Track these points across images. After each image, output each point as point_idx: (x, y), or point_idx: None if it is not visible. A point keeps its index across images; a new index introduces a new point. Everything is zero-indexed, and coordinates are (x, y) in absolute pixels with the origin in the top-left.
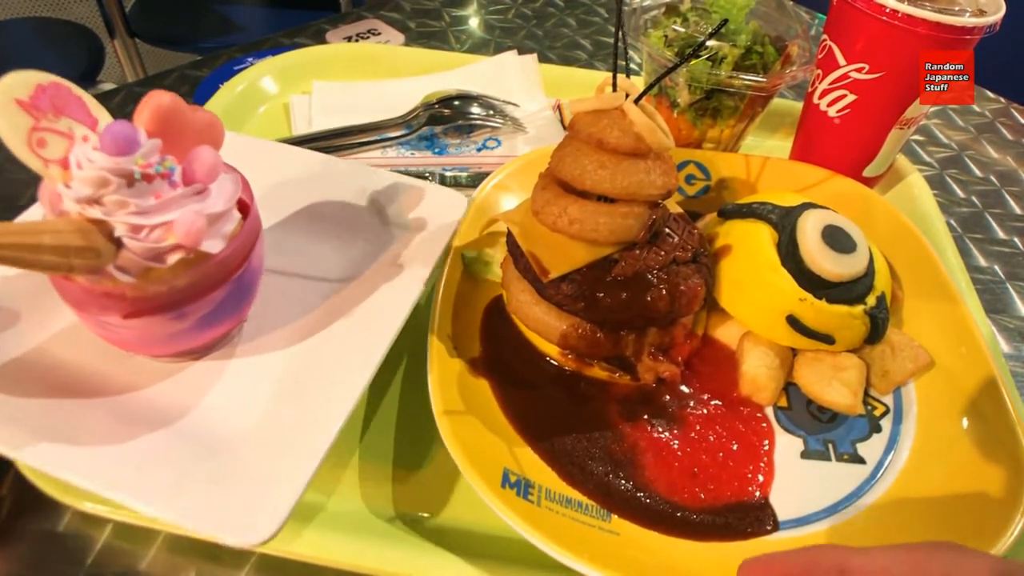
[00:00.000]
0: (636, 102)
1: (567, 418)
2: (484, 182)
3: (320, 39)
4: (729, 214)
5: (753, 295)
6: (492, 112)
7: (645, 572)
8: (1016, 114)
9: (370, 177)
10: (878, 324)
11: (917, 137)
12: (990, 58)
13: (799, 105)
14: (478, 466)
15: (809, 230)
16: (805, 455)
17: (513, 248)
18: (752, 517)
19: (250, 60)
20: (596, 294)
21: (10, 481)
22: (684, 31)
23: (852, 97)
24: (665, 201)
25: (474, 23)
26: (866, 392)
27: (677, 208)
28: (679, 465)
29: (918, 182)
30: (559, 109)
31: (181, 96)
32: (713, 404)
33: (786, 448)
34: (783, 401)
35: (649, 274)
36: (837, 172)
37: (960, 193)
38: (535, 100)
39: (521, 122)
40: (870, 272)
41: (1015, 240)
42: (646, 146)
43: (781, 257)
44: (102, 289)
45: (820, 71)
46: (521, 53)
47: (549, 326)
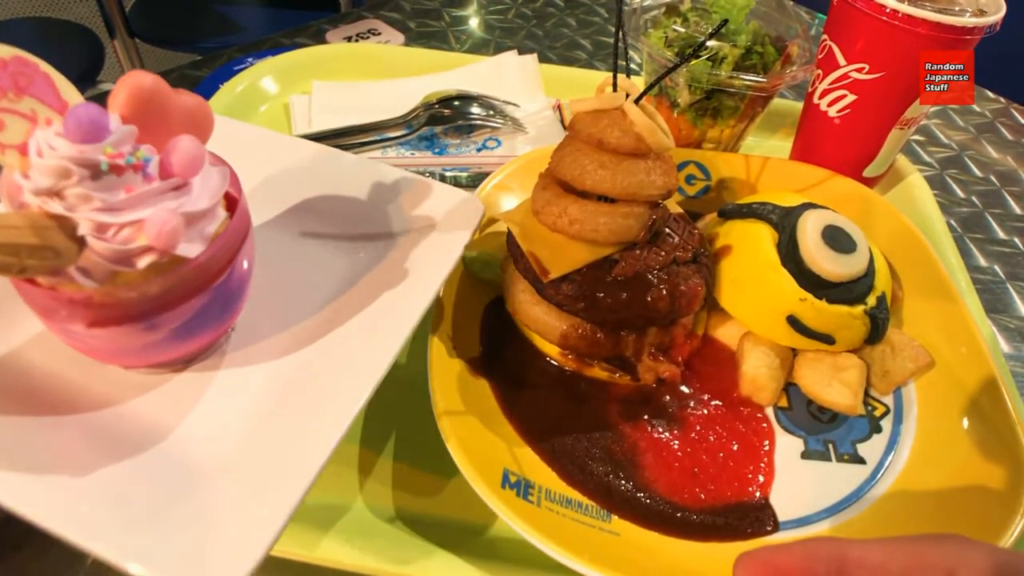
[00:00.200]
0: (636, 102)
1: (567, 418)
2: (484, 182)
3: (320, 39)
4: (729, 214)
5: (753, 295)
6: (492, 112)
7: (645, 572)
8: (1016, 114)
9: (379, 174)
10: (878, 324)
11: (917, 137)
12: (990, 58)
13: (799, 105)
14: (478, 466)
15: (809, 230)
16: (805, 455)
17: (513, 248)
18: (752, 517)
19: (250, 60)
20: (596, 294)
21: None
22: (684, 31)
23: (852, 97)
24: (665, 201)
25: (474, 23)
26: (866, 392)
27: (677, 208)
28: (679, 465)
29: (918, 182)
30: (559, 109)
31: None
32: (713, 404)
33: (786, 448)
34: (783, 401)
35: (649, 274)
36: (837, 172)
37: (960, 193)
38: (535, 100)
39: (521, 122)
40: (870, 272)
41: (1015, 240)
42: (646, 146)
43: (781, 257)
44: (63, 294)
45: (820, 71)
46: (521, 53)
47: (549, 326)
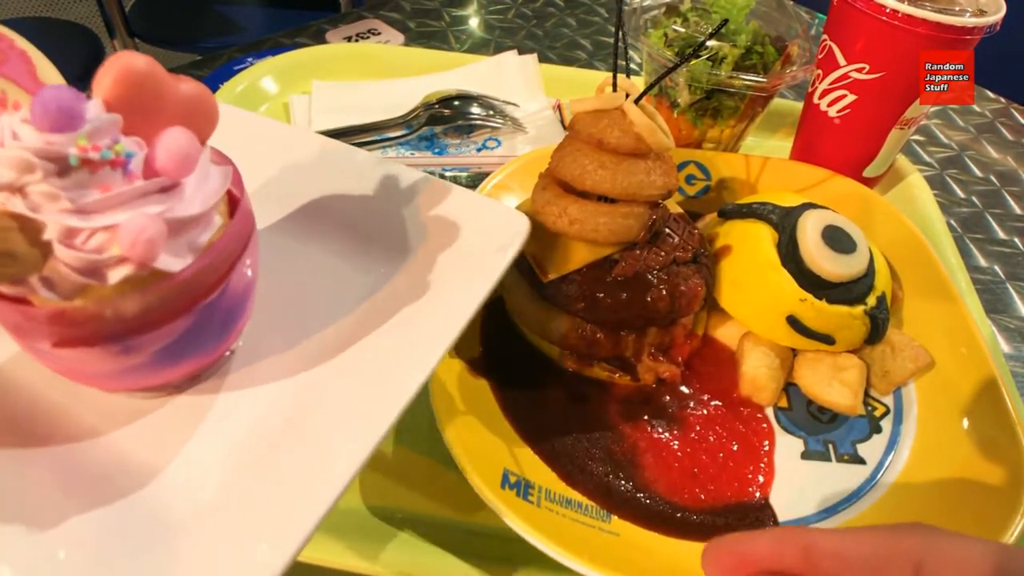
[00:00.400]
0: (636, 102)
1: (567, 418)
2: (484, 182)
3: (320, 39)
4: (729, 214)
5: (753, 295)
6: (492, 112)
7: (645, 572)
8: (1016, 114)
9: (408, 179)
10: (878, 324)
11: (917, 137)
12: (990, 58)
13: (799, 105)
14: (478, 466)
15: (809, 230)
16: (805, 456)
17: None
18: (752, 518)
19: (250, 60)
20: (596, 294)
21: None
22: (684, 31)
23: (852, 97)
24: (665, 201)
25: (474, 23)
26: (866, 392)
27: (677, 208)
28: (679, 466)
29: (918, 182)
30: (559, 109)
31: None
32: (713, 404)
33: (786, 449)
34: (783, 401)
35: (649, 274)
36: (837, 172)
37: (960, 193)
38: (535, 100)
39: (521, 122)
40: (870, 272)
41: (1015, 240)
42: (646, 146)
43: (781, 257)
44: (24, 309)
45: (820, 71)
46: (521, 53)
47: (549, 326)
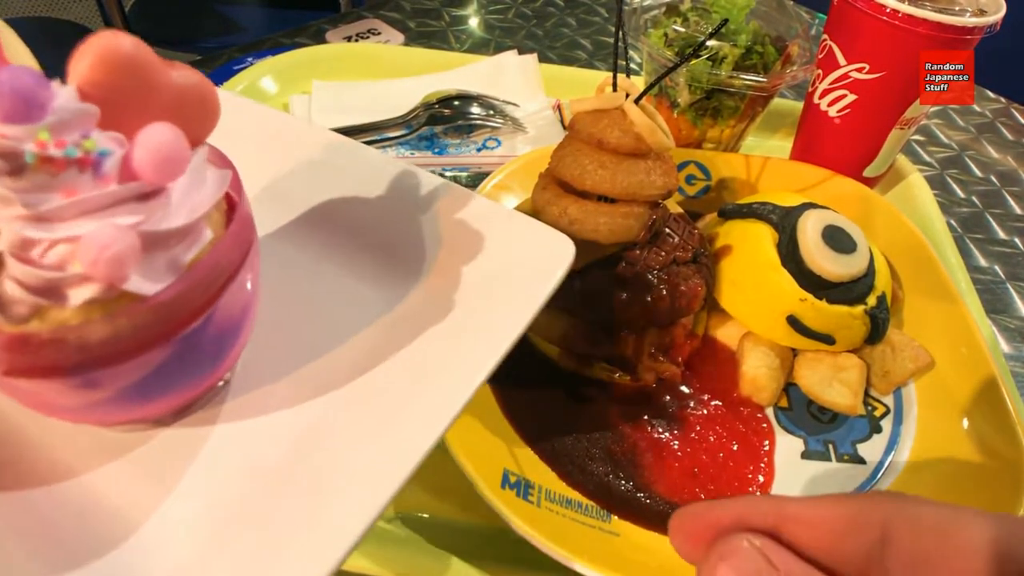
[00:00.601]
0: (636, 102)
1: (567, 418)
2: (484, 182)
3: (320, 39)
4: (729, 214)
5: (753, 295)
6: (492, 112)
7: (645, 572)
8: (1016, 114)
9: (441, 192)
10: (878, 324)
11: (917, 137)
12: (990, 58)
13: (799, 105)
14: (478, 466)
15: (809, 230)
16: (805, 456)
17: None
18: None
19: (250, 60)
20: (596, 294)
21: None
22: (684, 31)
23: (852, 97)
24: (665, 201)
25: (474, 23)
26: (866, 392)
27: (677, 208)
28: (679, 466)
29: (918, 182)
30: (559, 109)
31: None
32: (713, 404)
33: (786, 449)
34: (783, 401)
35: (649, 274)
36: (837, 172)
37: (960, 193)
38: (535, 100)
39: (521, 122)
40: (870, 272)
41: (1015, 240)
42: (646, 146)
43: (781, 257)
44: None
45: (820, 71)
46: (521, 53)
47: (549, 326)
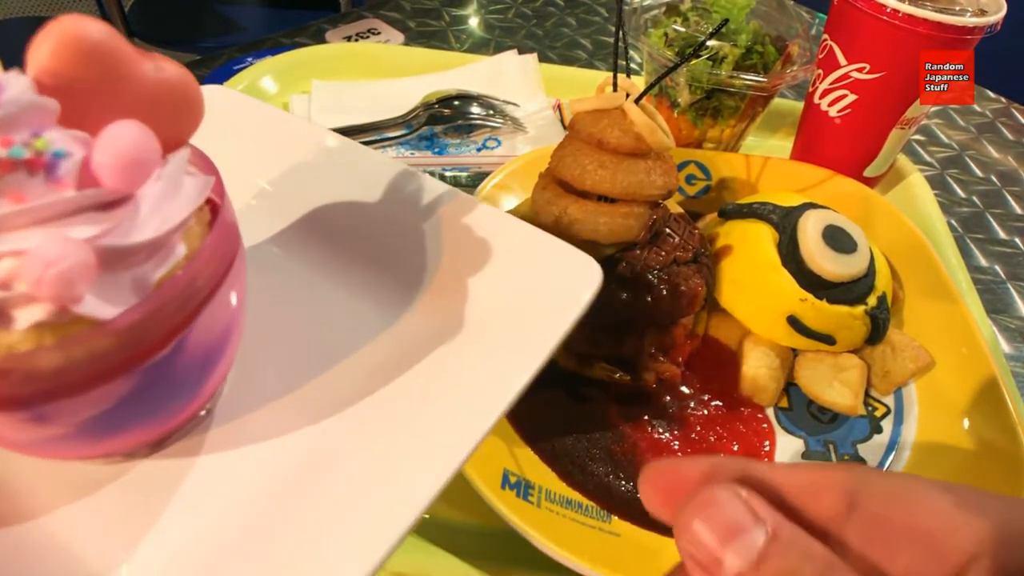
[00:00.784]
0: (636, 102)
1: (567, 418)
2: (484, 182)
3: (320, 39)
4: (730, 214)
5: (754, 295)
6: (492, 112)
7: (645, 573)
8: (1016, 114)
9: (452, 202)
10: (879, 324)
11: (918, 137)
12: (990, 58)
13: (800, 105)
14: (478, 467)
15: (810, 230)
16: (806, 456)
17: None
18: None
19: (250, 60)
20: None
21: None
22: (684, 31)
23: (853, 97)
24: (665, 201)
25: (474, 23)
26: (867, 393)
27: (678, 208)
28: None
29: (919, 182)
30: (559, 109)
31: None
32: (714, 405)
33: (787, 449)
34: (784, 402)
35: (649, 274)
36: (838, 172)
37: (961, 193)
38: (535, 100)
39: (521, 122)
40: (871, 272)
41: (1016, 240)
42: (646, 146)
43: (782, 257)
44: None
45: (821, 71)
46: (521, 53)
47: None
